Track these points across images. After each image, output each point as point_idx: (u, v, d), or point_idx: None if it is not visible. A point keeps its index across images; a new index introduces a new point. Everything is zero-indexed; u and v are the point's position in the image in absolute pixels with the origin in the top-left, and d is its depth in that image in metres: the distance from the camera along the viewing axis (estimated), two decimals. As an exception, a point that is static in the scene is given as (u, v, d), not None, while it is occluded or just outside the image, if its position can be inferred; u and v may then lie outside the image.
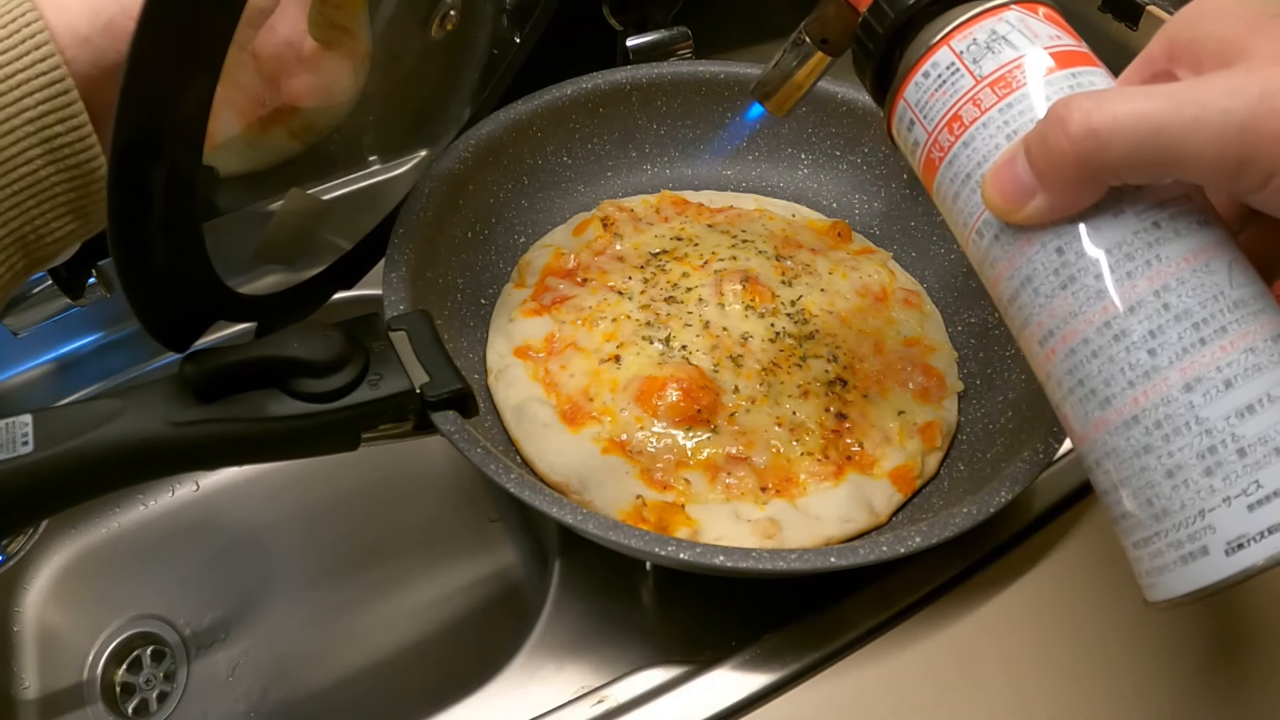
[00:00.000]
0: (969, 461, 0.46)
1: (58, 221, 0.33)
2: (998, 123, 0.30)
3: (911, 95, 0.33)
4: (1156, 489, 0.27)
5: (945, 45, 0.32)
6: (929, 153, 0.32)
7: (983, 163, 0.30)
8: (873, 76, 0.35)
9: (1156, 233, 0.27)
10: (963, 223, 0.32)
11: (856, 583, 0.43)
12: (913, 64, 0.32)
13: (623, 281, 0.52)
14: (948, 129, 0.31)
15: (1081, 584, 0.44)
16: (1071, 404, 0.29)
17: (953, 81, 0.31)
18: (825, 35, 0.41)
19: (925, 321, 0.52)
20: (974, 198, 0.31)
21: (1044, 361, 0.30)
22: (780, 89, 0.44)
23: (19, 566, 0.55)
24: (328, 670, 0.52)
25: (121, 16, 0.32)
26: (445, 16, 0.47)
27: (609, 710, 0.40)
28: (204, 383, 0.34)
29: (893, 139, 0.35)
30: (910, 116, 0.33)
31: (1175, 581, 0.27)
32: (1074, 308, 0.28)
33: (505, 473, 0.37)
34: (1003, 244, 0.30)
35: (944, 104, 0.31)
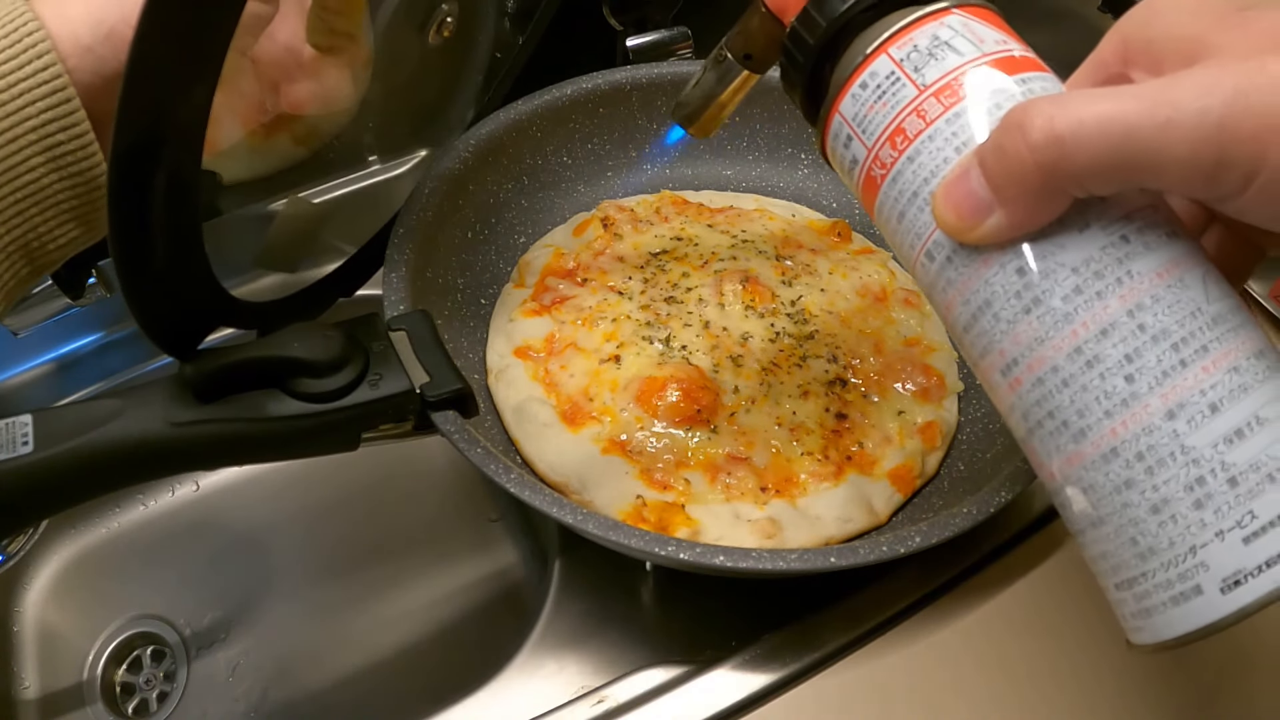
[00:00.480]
0: (969, 461, 0.46)
1: (61, 229, 0.33)
2: (945, 134, 0.27)
3: (848, 109, 0.30)
4: (1141, 526, 0.25)
5: (884, 53, 0.29)
6: (869, 170, 0.30)
7: (930, 178, 0.28)
8: (803, 92, 0.32)
9: (1125, 247, 0.25)
10: (909, 245, 0.29)
11: (856, 583, 0.43)
12: (848, 75, 0.30)
13: (623, 281, 0.52)
14: (890, 144, 0.29)
15: (1081, 584, 0.44)
16: (1040, 438, 0.27)
17: (893, 92, 0.29)
18: (749, 50, 0.38)
19: (925, 321, 0.52)
20: (922, 216, 0.28)
21: (1007, 393, 0.27)
22: (703, 110, 0.41)
23: (19, 566, 0.55)
24: (328, 670, 0.52)
25: (122, 25, 0.32)
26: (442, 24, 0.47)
27: (609, 710, 0.40)
28: (204, 383, 0.34)
29: (827, 159, 0.32)
30: (847, 132, 0.30)
31: (1166, 624, 0.25)
32: (1040, 333, 0.26)
33: (505, 473, 0.37)
34: (956, 266, 0.27)
35: (884, 117, 0.29)
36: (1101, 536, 0.26)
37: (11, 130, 0.31)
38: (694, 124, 0.41)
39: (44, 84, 0.31)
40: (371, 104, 0.44)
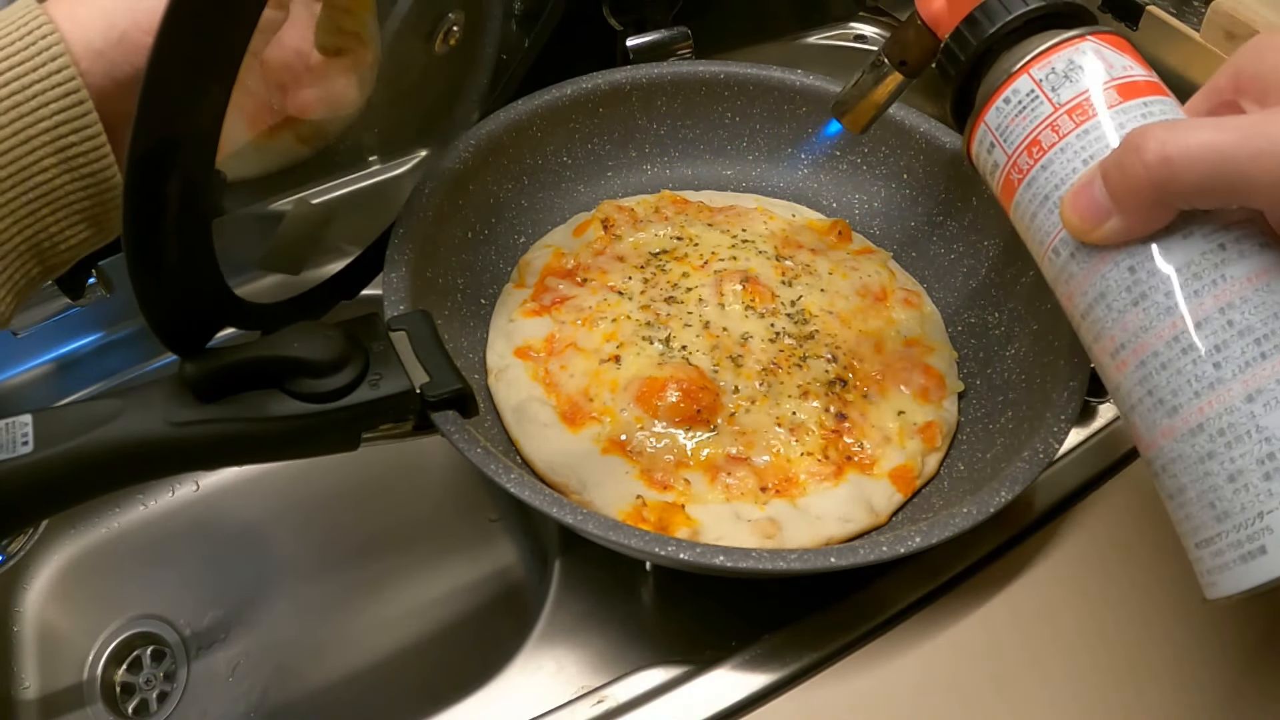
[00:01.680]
0: (969, 461, 0.46)
1: (72, 230, 0.34)
2: (1075, 148, 0.32)
3: (992, 120, 0.35)
4: (1219, 492, 0.29)
5: (1025, 73, 0.33)
6: (1008, 174, 0.34)
7: (1060, 185, 0.32)
8: (954, 100, 0.37)
9: (1222, 254, 0.29)
10: (1039, 240, 0.33)
11: (856, 583, 0.43)
12: (993, 90, 0.34)
13: (623, 281, 0.52)
14: (1027, 153, 0.33)
15: (1081, 584, 0.44)
16: (1140, 413, 0.31)
17: (1032, 108, 0.33)
18: (904, 58, 0.43)
19: (925, 321, 0.52)
20: (1051, 218, 0.32)
21: (1114, 373, 0.31)
22: (857, 107, 0.45)
23: (19, 566, 0.55)
24: (328, 670, 0.52)
25: (135, 30, 0.32)
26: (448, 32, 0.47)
27: (609, 710, 0.40)
28: (204, 383, 0.34)
29: (971, 160, 0.37)
30: (990, 140, 0.35)
31: (1234, 579, 0.29)
32: (1145, 323, 0.30)
33: (505, 473, 0.37)
34: (1078, 262, 0.32)
35: (1024, 129, 0.33)
36: (1186, 501, 0.30)
37: (25, 131, 0.31)
38: (847, 118, 0.46)
39: (57, 86, 0.31)
40: (377, 107, 0.44)
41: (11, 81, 0.31)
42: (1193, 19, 0.53)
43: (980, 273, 0.53)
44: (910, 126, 0.55)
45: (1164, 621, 0.42)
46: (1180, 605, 0.42)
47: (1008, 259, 0.51)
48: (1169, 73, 0.55)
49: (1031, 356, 0.47)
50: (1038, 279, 0.48)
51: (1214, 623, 0.42)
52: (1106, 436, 0.49)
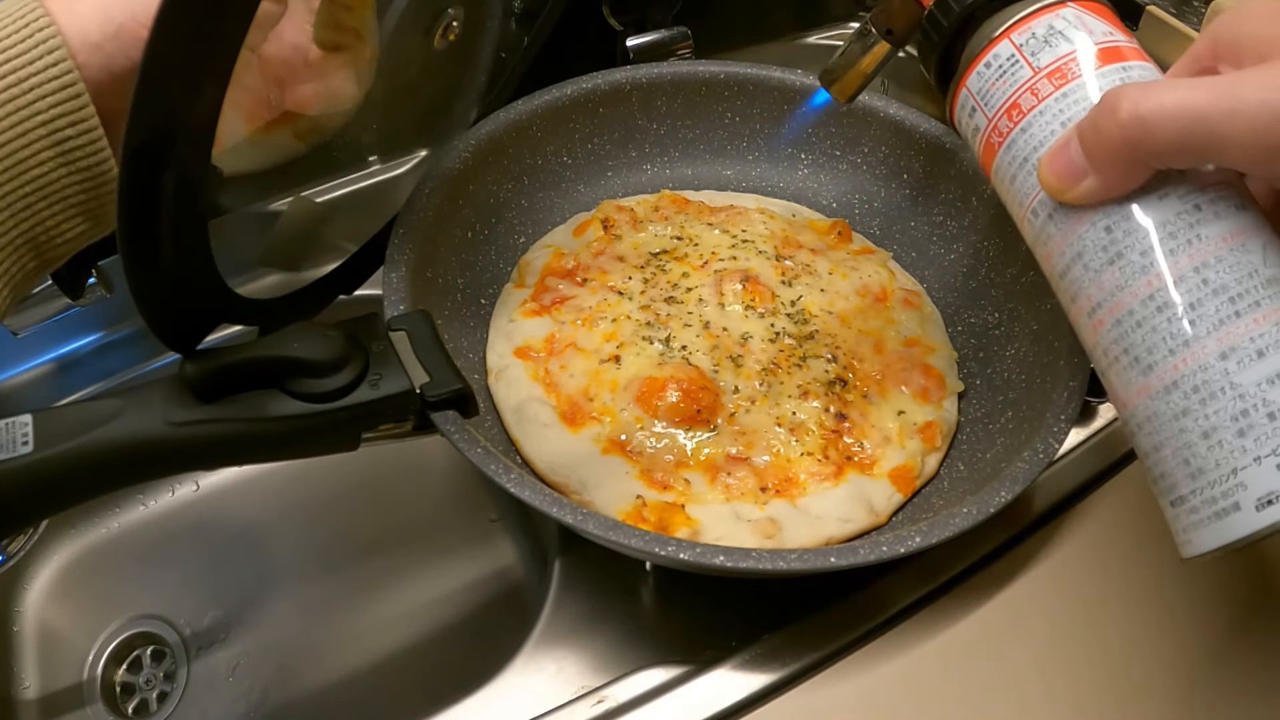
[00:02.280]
0: (969, 461, 0.46)
1: (69, 223, 0.34)
2: (1053, 110, 0.32)
3: (974, 84, 0.35)
4: (1193, 449, 0.29)
5: (1006, 38, 0.34)
6: (989, 138, 0.35)
7: (1039, 147, 0.32)
8: (936, 66, 0.38)
9: (1197, 214, 0.29)
10: (1019, 202, 0.34)
11: (856, 583, 0.43)
12: (975, 55, 0.35)
13: (623, 282, 0.52)
14: (1007, 116, 0.34)
15: (1081, 584, 0.44)
16: (1116, 371, 0.31)
17: (1012, 72, 0.34)
18: (890, 26, 0.43)
19: (925, 321, 0.52)
20: (1030, 179, 0.33)
21: (1091, 332, 0.32)
22: (845, 76, 0.45)
23: (19, 566, 0.55)
24: (328, 670, 0.52)
25: (132, 23, 0.32)
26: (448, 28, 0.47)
27: (609, 710, 0.40)
28: (204, 383, 0.34)
29: (954, 124, 0.38)
30: (972, 104, 0.35)
31: (1209, 536, 0.29)
32: (1120, 281, 0.30)
33: (505, 473, 0.37)
34: (1056, 223, 0.32)
35: (1004, 93, 0.34)
36: (1161, 459, 0.30)
37: (22, 125, 0.31)
38: (835, 87, 0.46)
39: (54, 79, 0.31)
40: (375, 103, 0.44)
41: (8, 74, 0.31)
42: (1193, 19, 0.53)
43: (980, 273, 0.53)
44: (910, 126, 0.55)
45: (1164, 621, 0.42)
46: (1180, 605, 0.42)
47: (1008, 259, 0.51)
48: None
49: (1031, 356, 0.47)
50: (1038, 279, 0.48)
51: (1214, 623, 0.42)
52: (1106, 436, 0.49)
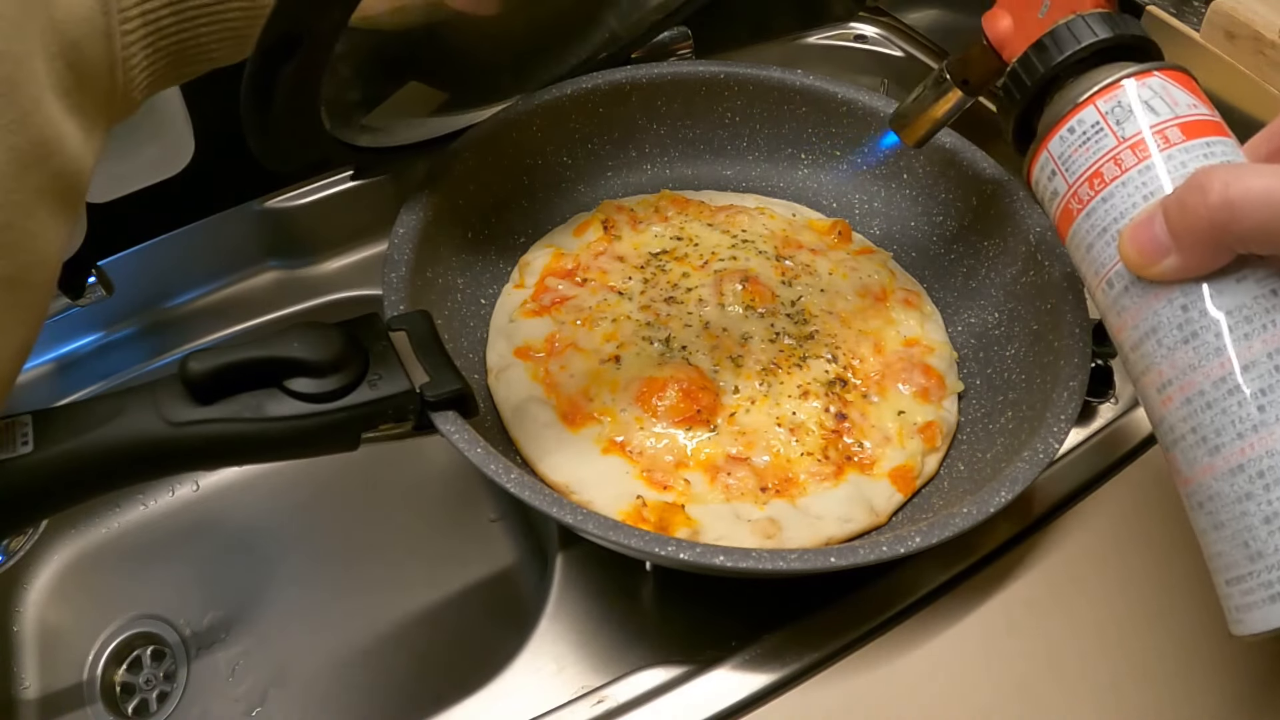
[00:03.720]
0: (969, 461, 0.46)
1: (218, 44, 0.35)
2: (1136, 183, 0.32)
3: (1055, 148, 0.35)
4: (1254, 533, 0.29)
5: (1091, 104, 0.34)
6: (1067, 203, 0.35)
7: (1119, 219, 0.33)
8: (1015, 124, 0.38)
9: (1274, 300, 0.30)
10: (1094, 271, 0.34)
11: (856, 583, 0.43)
12: (1058, 118, 0.35)
13: (623, 282, 0.52)
14: (1088, 183, 0.34)
15: (1081, 584, 0.44)
16: (1182, 449, 0.31)
17: (1096, 140, 0.34)
18: (967, 76, 0.43)
19: (925, 321, 0.52)
20: (1108, 250, 0.33)
21: (1159, 407, 0.32)
22: (915, 121, 0.46)
23: (19, 566, 0.55)
24: (327, 670, 0.52)
25: None
26: None
27: (609, 710, 0.40)
28: (204, 383, 0.34)
29: (1029, 183, 0.37)
30: (1052, 167, 0.35)
31: (1263, 618, 0.29)
32: (1193, 361, 0.30)
33: (505, 473, 0.37)
34: (1132, 295, 0.32)
35: (1086, 160, 0.34)
36: (1220, 538, 0.30)
37: None
38: (905, 131, 0.47)
39: None
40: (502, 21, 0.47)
41: None
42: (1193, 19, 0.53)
43: (980, 273, 0.53)
44: (910, 126, 0.55)
45: (1164, 621, 0.42)
46: (1180, 605, 0.42)
47: (1008, 259, 0.51)
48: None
49: (1031, 356, 0.47)
50: (1037, 279, 0.48)
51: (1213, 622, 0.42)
52: (1106, 436, 0.49)
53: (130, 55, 0.31)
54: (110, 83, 0.31)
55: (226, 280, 0.63)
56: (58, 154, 0.28)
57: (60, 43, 0.28)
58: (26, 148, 0.27)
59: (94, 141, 0.31)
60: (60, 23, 0.28)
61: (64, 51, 0.28)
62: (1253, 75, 0.49)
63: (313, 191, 0.62)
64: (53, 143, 0.28)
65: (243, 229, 0.62)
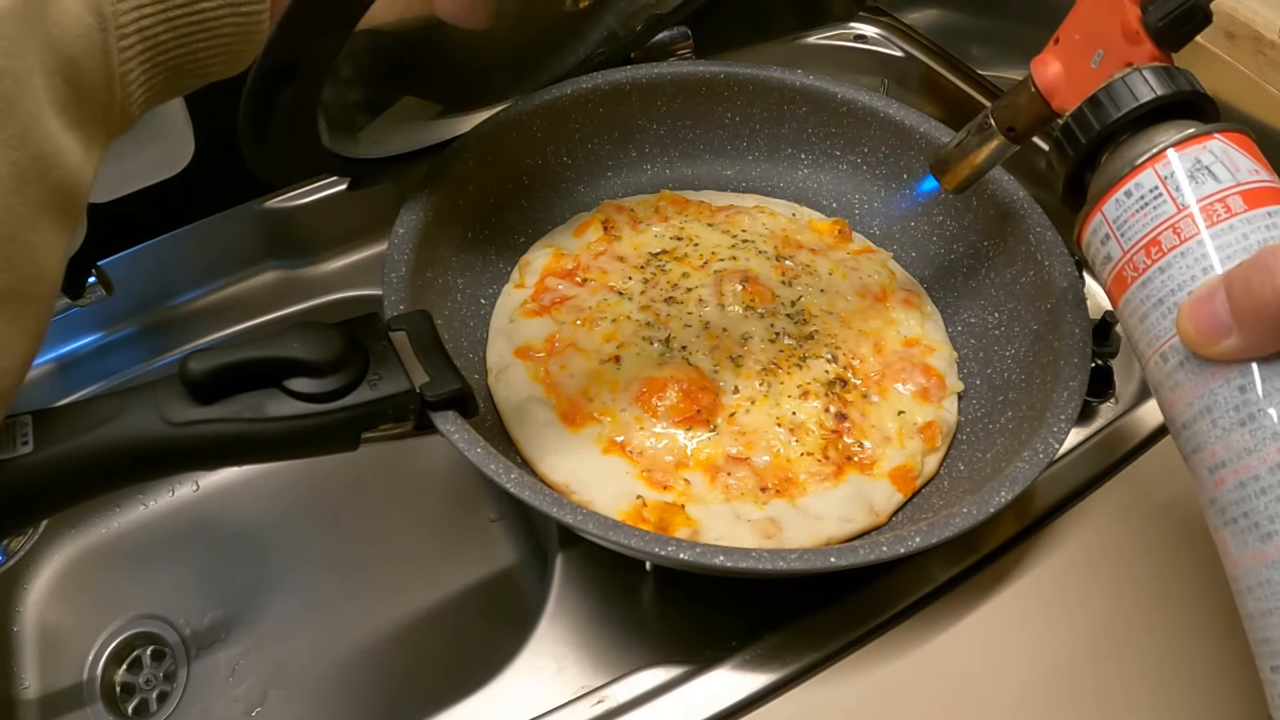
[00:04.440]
0: (969, 461, 0.46)
1: (214, 58, 0.35)
2: (1196, 254, 0.31)
3: (1110, 211, 0.34)
4: None
5: (1150, 168, 0.33)
6: (1122, 269, 0.33)
7: (1176, 290, 0.31)
8: (1067, 179, 0.36)
9: None
10: (1147, 342, 0.33)
11: (856, 583, 0.43)
12: (1114, 180, 0.34)
13: (623, 282, 0.52)
14: (1145, 251, 0.32)
15: (1081, 584, 0.44)
16: (1233, 532, 0.30)
17: (1155, 205, 0.32)
18: (1013, 124, 0.42)
19: (925, 321, 0.52)
20: (1164, 322, 0.32)
21: (1211, 488, 0.31)
22: (956, 166, 0.45)
23: (19, 566, 0.55)
24: (327, 670, 0.52)
25: None
26: None
27: (609, 710, 0.40)
28: (204, 383, 0.34)
29: (1079, 243, 0.36)
30: (1106, 231, 0.34)
31: None
32: (1249, 445, 0.29)
33: (505, 473, 0.37)
34: (1187, 371, 0.31)
35: (1144, 226, 0.32)
36: (1269, 625, 0.29)
37: None
38: (945, 176, 0.46)
39: None
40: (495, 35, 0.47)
41: None
42: (1193, 19, 0.53)
43: (980, 273, 0.53)
44: (910, 126, 0.55)
45: (1164, 621, 0.42)
46: (1180, 604, 0.42)
47: (1008, 259, 0.51)
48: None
49: (1031, 356, 0.47)
50: (1037, 279, 0.48)
51: (1213, 622, 0.42)
52: (1106, 436, 0.49)
53: (128, 70, 0.31)
54: (108, 97, 0.31)
55: (226, 280, 0.63)
56: (57, 167, 0.29)
57: (58, 59, 0.29)
58: (27, 162, 0.27)
59: (93, 155, 0.31)
60: (58, 40, 0.28)
61: (62, 68, 0.29)
62: (1253, 75, 0.49)
63: (313, 191, 0.62)
64: (52, 157, 0.28)
65: (243, 229, 0.62)
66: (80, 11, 0.29)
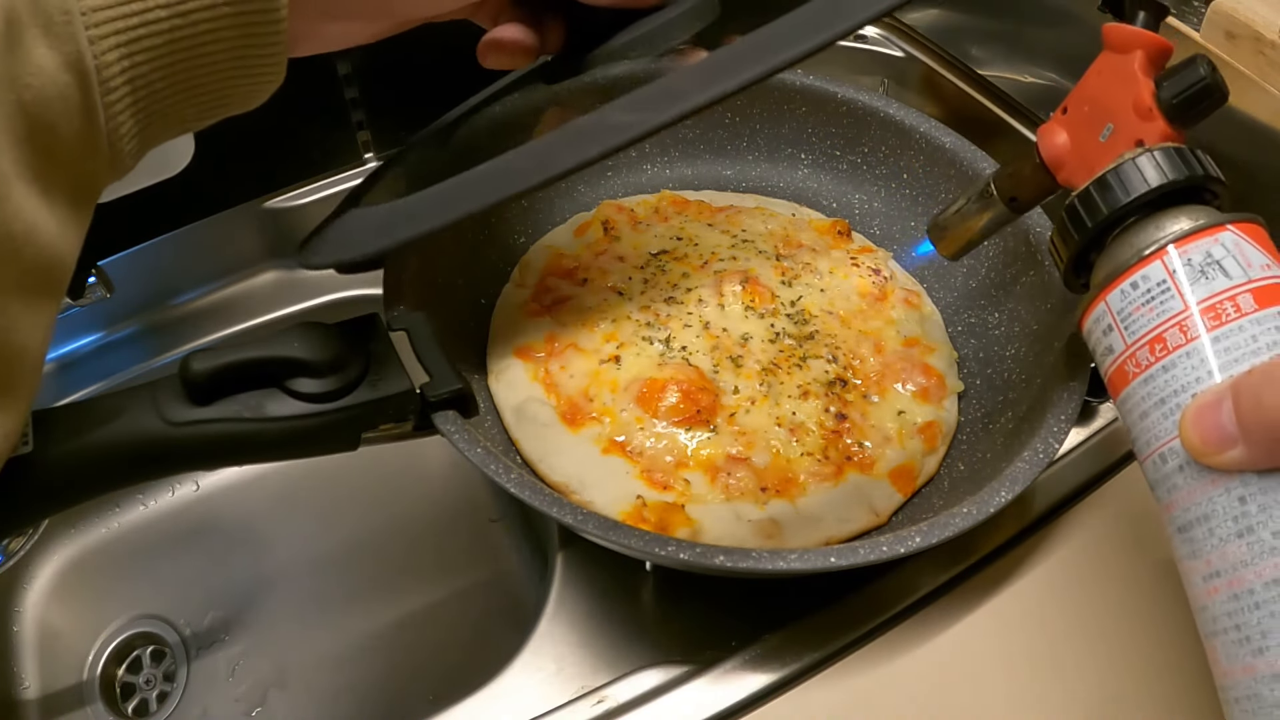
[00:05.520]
0: (969, 461, 0.46)
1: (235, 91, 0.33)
2: (1202, 355, 0.30)
3: (1115, 302, 0.32)
4: None
5: (1158, 259, 0.31)
6: (1123, 364, 0.32)
7: (1180, 392, 0.30)
8: (1070, 262, 0.35)
9: None
10: (1146, 441, 0.32)
11: (856, 583, 0.43)
12: (1120, 270, 0.32)
13: (623, 282, 0.52)
14: (1149, 348, 0.31)
15: (1081, 584, 0.44)
16: (1224, 642, 0.29)
17: (1161, 300, 0.31)
18: (1015, 194, 0.40)
19: (925, 321, 0.52)
20: (1165, 423, 0.30)
21: (1204, 595, 0.30)
22: (954, 233, 0.44)
23: (19, 566, 0.55)
24: (327, 670, 0.52)
25: None
26: None
27: (609, 710, 0.40)
28: (204, 383, 0.34)
29: (1080, 328, 0.35)
30: (1109, 321, 0.33)
31: None
32: (1246, 557, 0.28)
33: (505, 473, 0.37)
34: (1186, 476, 0.30)
35: (1149, 321, 0.31)
36: None
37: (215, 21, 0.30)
38: (944, 242, 0.44)
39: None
40: None
41: None
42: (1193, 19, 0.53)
43: (980, 273, 0.53)
44: (910, 126, 0.55)
45: (1164, 621, 0.42)
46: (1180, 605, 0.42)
47: (1008, 259, 0.51)
48: (1169, 73, 0.55)
49: (1031, 356, 0.47)
50: (1038, 279, 0.48)
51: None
52: (1106, 436, 0.49)
53: (117, 126, 0.29)
54: (91, 157, 0.28)
55: (226, 280, 0.63)
56: (30, 245, 0.26)
57: (30, 125, 0.26)
58: None
59: (76, 221, 0.28)
60: (29, 105, 0.26)
61: (34, 135, 0.26)
62: (1253, 75, 0.49)
63: (313, 191, 0.62)
64: (22, 236, 0.26)
65: (243, 229, 0.62)
66: (55, 71, 0.26)
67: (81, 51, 0.27)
